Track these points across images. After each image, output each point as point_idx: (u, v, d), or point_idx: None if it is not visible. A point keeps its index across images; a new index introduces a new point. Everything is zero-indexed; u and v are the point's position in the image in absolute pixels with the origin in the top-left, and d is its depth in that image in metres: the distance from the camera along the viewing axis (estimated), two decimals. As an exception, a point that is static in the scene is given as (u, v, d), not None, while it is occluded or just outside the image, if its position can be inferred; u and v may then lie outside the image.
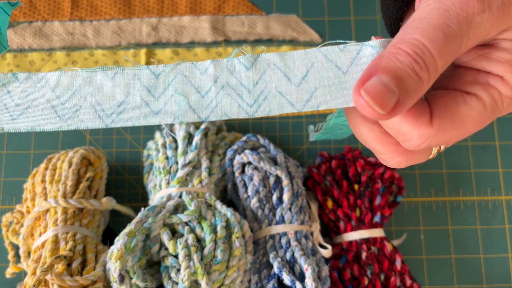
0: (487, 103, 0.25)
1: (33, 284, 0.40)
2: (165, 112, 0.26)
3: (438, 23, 0.24)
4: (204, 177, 0.46)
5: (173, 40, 0.58)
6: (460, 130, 0.26)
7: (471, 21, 0.24)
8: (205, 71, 0.27)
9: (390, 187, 0.50)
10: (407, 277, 0.46)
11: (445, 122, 0.25)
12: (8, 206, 0.53)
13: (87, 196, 0.47)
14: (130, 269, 0.39)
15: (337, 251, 0.48)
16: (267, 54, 0.27)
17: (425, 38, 0.24)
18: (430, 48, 0.24)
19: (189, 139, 0.48)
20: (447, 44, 0.24)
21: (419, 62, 0.23)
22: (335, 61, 0.27)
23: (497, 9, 0.24)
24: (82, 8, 0.59)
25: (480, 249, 0.52)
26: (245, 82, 0.27)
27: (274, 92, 0.26)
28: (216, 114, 0.26)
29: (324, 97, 0.26)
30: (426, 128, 0.25)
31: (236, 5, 0.59)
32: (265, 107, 0.26)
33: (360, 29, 0.59)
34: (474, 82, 0.26)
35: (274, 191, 0.47)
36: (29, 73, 0.27)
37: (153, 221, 0.41)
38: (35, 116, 0.26)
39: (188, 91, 0.27)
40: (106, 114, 0.26)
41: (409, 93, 0.23)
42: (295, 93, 0.26)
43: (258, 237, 0.45)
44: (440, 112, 0.26)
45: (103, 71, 0.27)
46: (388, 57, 0.24)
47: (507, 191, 0.54)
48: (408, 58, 0.24)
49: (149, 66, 0.27)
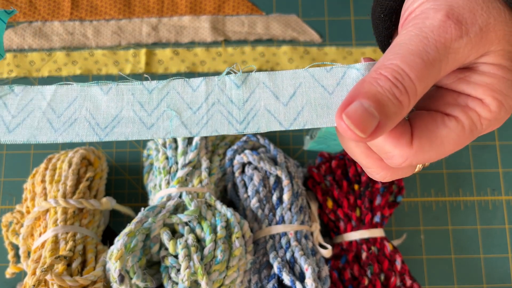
0: (465, 125, 0.26)
1: (33, 284, 0.40)
2: (157, 127, 0.27)
3: (417, 50, 0.25)
4: (204, 177, 0.46)
5: (173, 40, 0.58)
6: (439, 151, 0.27)
7: (449, 46, 0.25)
8: (197, 88, 0.28)
9: (390, 187, 0.50)
10: (407, 277, 0.46)
11: (424, 143, 0.26)
12: (8, 206, 0.53)
13: (87, 196, 0.47)
14: (130, 269, 0.39)
15: (337, 251, 0.48)
16: (257, 73, 0.28)
17: (405, 64, 0.25)
18: (409, 74, 0.25)
19: (189, 139, 0.48)
20: (425, 69, 0.25)
21: (399, 86, 0.25)
22: (322, 82, 0.28)
23: (474, 35, 0.25)
24: (82, 8, 0.59)
25: (480, 249, 0.52)
26: (235, 100, 0.28)
27: (263, 110, 0.27)
28: (207, 130, 0.27)
29: (310, 116, 0.27)
30: (406, 148, 0.26)
31: (236, 5, 0.59)
32: (254, 124, 0.27)
33: (360, 29, 0.59)
34: (454, 104, 0.27)
35: (274, 191, 0.47)
36: (25, 86, 0.28)
37: (153, 221, 0.41)
38: (31, 129, 0.27)
39: (180, 107, 0.28)
40: (100, 128, 0.27)
41: (389, 116, 0.24)
42: (283, 112, 0.27)
43: (258, 237, 0.45)
44: (420, 133, 0.27)
45: (98, 85, 0.28)
46: (369, 82, 0.25)
47: (507, 191, 0.54)
48: (388, 83, 0.25)
49: (143, 82, 0.28)
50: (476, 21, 0.25)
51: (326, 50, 0.58)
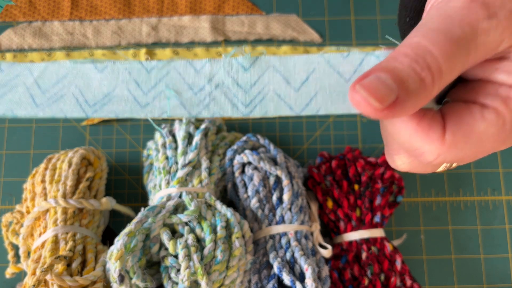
0: (507, 118, 0.24)
1: (33, 284, 0.40)
2: (152, 107, 0.26)
3: (440, 27, 0.23)
4: (204, 177, 0.46)
5: (173, 40, 0.58)
6: (476, 148, 0.24)
7: (476, 26, 0.23)
8: (200, 69, 0.26)
9: (390, 187, 0.50)
10: (407, 277, 0.46)
11: (458, 139, 0.24)
12: (8, 206, 0.53)
13: (87, 196, 0.47)
14: (130, 269, 0.39)
15: (337, 251, 0.48)
16: (268, 57, 0.27)
17: (426, 39, 0.23)
18: (432, 49, 0.23)
19: (189, 139, 0.48)
20: (450, 47, 0.23)
21: (420, 62, 0.22)
22: (337, 68, 0.26)
23: (505, 18, 0.23)
24: (82, 8, 0.59)
25: (480, 249, 0.52)
26: (241, 83, 0.26)
27: (272, 94, 0.26)
28: (208, 112, 0.25)
29: (324, 102, 0.25)
30: (438, 143, 0.24)
31: (236, 5, 0.59)
32: (261, 108, 0.25)
33: (360, 29, 0.59)
34: (494, 94, 0.24)
35: (274, 191, 0.46)
36: (14, 63, 0.27)
37: (153, 221, 0.41)
38: (9, 103, 0.26)
39: (180, 87, 0.26)
40: (89, 105, 0.26)
41: (409, 93, 0.22)
42: (294, 97, 0.25)
43: (258, 237, 0.45)
44: (454, 127, 0.24)
45: (92, 63, 0.27)
46: (387, 59, 0.23)
47: (507, 191, 0.54)
48: (407, 58, 0.23)
49: (142, 61, 0.27)
50: (505, 4, 0.23)
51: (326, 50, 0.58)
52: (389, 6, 0.59)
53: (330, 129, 0.55)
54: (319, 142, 0.55)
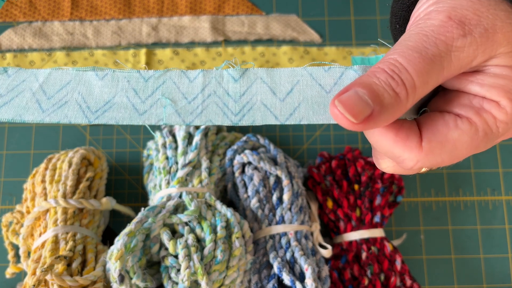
0: (479, 127, 0.26)
1: (33, 284, 0.40)
2: (150, 114, 0.27)
3: (415, 46, 0.25)
4: (204, 177, 0.46)
5: (173, 40, 0.58)
6: (452, 154, 0.26)
7: (451, 44, 0.25)
8: (194, 79, 0.28)
9: (390, 187, 0.50)
10: (407, 277, 0.46)
11: (434, 146, 0.26)
12: (8, 206, 0.53)
13: (87, 196, 0.47)
14: (130, 269, 0.39)
15: (337, 251, 0.48)
16: (255, 69, 0.28)
17: (402, 57, 0.25)
18: (407, 66, 0.25)
19: (189, 139, 0.48)
20: (424, 64, 0.25)
21: (395, 78, 0.25)
22: (319, 81, 0.28)
23: (479, 35, 0.25)
24: (82, 8, 0.59)
25: (480, 249, 0.52)
26: (231, 93, 0.28)
27: (259, 104, 0.28)
28: (201, 120, 0.27)
29: (306, 113, 0.27)
30: (416, 151, 0.26)
31: (236, 5, 0.59)
32: (249, 117, 0.27)
33: (360, 29, 0.59)
34: (468, 105, 0.26)
35: (274, 191, 0.47)
36: (20, 69, 0.28)
37: (153, 221, 0.41)
38: (18, 108, 0.27)
39: (175, 96, 0.28)
40: (91, 111, 0.27)
41: (384, 107, 0.24)
42: (279, 107, 0.27)
43: (258, 237, 0.45)
44: (430, 135, 0.26)
45: (93, 71, 0.28)
46: (366, 75, 0.25)
47: (507, 191, 0.54)
48: (384, 74, 0.25)
49: (140, 71, 0.28)
50: (481, 22, 0.25)
51: (326, 50, 0.58)
52: (389, 7, 0.59)
53: (330, 129, 0.56)
54: (319, 142, 0.55)
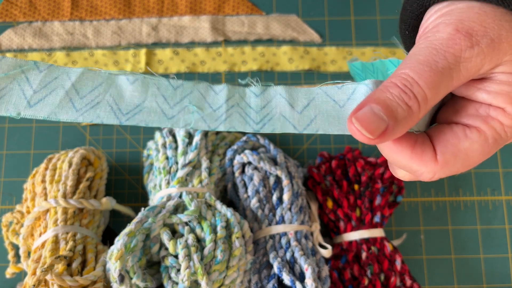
0: (488, 135, 0.27)
1: (33, 284, 0.40)
2: (177, 119, 0.29)
3: (426, 60, 0.26)
4: (204, 177, 0.46)
5: (173, 40, 0.58)
6: (465, 163, 0.28)
7: (460, 56, 0.26)
8: (219, 92, 0.30)
9: (390, 187, 0.50)
10: (407, 277, 0.46)
11: (448, 158, 0.28)
12: (8, 206, 0.53)
13: (87, 196, 0.47)
14: (130, 269, 0.39)
15: (337, 251, 0.48)
16: (275, 86, 0.31)
17: (413, 72, 0.26)
18: (418, 80, 0.26)
19: (189, 139, 0.48)
20: (434, 77, 0.26)
21: (408, 92, 0.26)
22: (333, 97, 0.30)
23: (486, 46, 0.26)
24: (82, 8, 0.59)
25: (480, 249, 0.52)
26: (253, 106, 0.30)
27: (279, 115, 0.30)
28: (225, 126, 0.29)
29: (322, 124, 0.29)
30: (432, 164, 0.28)
31: (236, 5, 0.59)
32: (269, 125, 0.29)
33: (360, 29, 0.59)
34: (475, 115, 0.28)
35: (274, 191, 0.47)
36: (50, 65, 0.29)
37: (153, 221, 0.41)
38: (52, 106, 0.27)
39: (201, 105, 0.29)
40: (122, 113, 0.28)
41: (398, 121, 0.26)
42: (297, 118, 0.29)
43: (258, 237, 0.45)
44: (443, 148, 0.28)
45: (125, 75, 0.29)
46: (380, 90, 0.27)
47: (507, 191, 0.54)
48: (397, 89, 0.26)
49: (169, 79, 0.30)
50: (487, 33, 0.26)
51: (326, 50, 0.58)
52: (389, 7, 0.59)
53: (330, 129, 0.56)
54: (319, 142, 0.55)
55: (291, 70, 0.57)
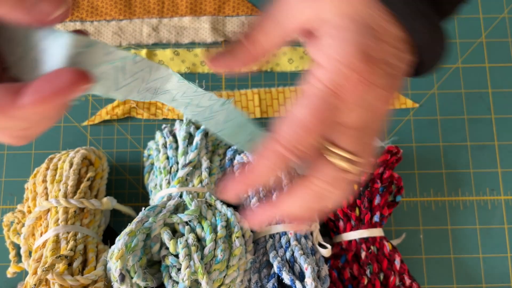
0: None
1: (34, 283, 0.40)
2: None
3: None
4: (204, 177, 0.46)
5: (174, 41, 0.58)
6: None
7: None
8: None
9: (389, 187, 0.50)
10: (406, 277, 0.47)
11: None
12: (9, 206, 0.53)
13: (88, 196, 0.47)
14: (131, 268, 0.39)
15: (336, 250, 0.48)
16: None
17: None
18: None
19: (190, 139, 0.48)
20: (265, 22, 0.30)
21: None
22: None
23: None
24: (82, 8, 0.59)
25: (479, 249, 0.52)
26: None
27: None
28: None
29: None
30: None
31: (236, 5, 0.59)
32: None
33: (360, 29, 0.59)
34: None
35: (274, 191, 0.47)
36: (143, 58, 0.28)
37: (153, 221, 0.41)
38: (128, 92, 0.28)
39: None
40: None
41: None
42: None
43: (258, 237, 0.46)
44: None
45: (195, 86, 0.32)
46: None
47: (506, 191, 0.54)
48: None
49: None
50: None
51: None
52: (389, 7, 0.59)
53: (330, 129, 0.56)
54: (318, 142, 0.55)
55: (291, 71, 0.57)
